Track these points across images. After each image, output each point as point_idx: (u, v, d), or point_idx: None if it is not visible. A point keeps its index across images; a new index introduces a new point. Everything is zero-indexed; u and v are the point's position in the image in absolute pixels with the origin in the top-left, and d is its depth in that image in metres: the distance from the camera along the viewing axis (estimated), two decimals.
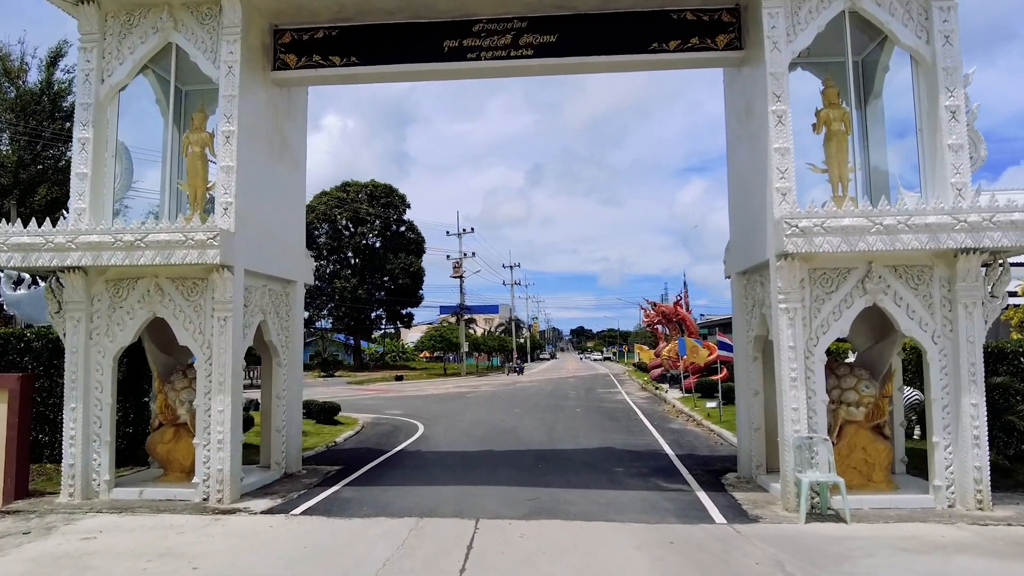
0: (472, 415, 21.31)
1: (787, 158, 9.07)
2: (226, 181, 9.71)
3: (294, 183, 11.90)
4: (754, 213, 9.99)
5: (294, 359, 11.65)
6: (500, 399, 28.56)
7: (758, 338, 10.44)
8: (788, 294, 8.87)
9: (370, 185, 71.47)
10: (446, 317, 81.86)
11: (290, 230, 11.65)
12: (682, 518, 8.39)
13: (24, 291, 15.06)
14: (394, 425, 18.61)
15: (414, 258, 70.96)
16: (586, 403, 25.94)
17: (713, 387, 24.47)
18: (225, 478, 9.35)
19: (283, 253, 11.27)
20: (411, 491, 9.92)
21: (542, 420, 19.38)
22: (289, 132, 11.66)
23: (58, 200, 25.43)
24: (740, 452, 11.02)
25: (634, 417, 20.44)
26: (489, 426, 18.01)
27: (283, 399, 11.36)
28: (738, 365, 11.13)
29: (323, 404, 18.41)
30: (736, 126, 11.05)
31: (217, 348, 9.49)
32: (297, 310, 11.76)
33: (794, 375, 8.80)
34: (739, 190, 10.95)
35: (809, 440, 8.68)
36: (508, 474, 11.06)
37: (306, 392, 35.83)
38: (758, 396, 10.62)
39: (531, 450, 13.61)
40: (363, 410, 23.49)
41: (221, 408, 9.42)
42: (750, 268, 10.45)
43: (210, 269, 9.51)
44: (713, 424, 17.03)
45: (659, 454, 13.28)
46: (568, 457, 12.78)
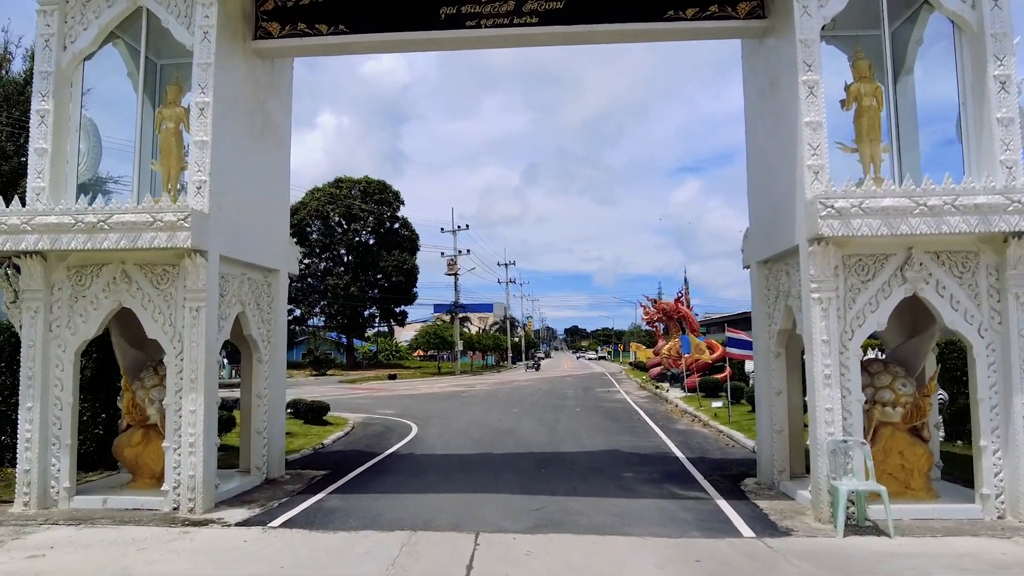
0: (468, 415, 20.43)
1: (819, 133, 8.23)
2: (200, 157, 8.80)
3: (277, 164, 10.99)
4: (779, 196, 9.15)
5: (277, 355, 10.74)
6: (496, 398, 27.69)
7: (781, 332, 9.60)
8: (821, 283, 8.03)
9: (363, 181, 70.50)
10: (440, 316, 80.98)
11: (272, 214, 10.74)
12: (705, 531, 7.53)
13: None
14: (386, 426, 17.71)
15: (408, 255, 69.99)
16: (585, 403, 25.09)
17: (716, 386, 23.70)
18: (197, 485, 8.44)
19: (264, 239, 10.36)
20: (403, 499, 9.03)
21: (542, 420, 18.52)
22: (272, 108, 10.75)
23: None
24: (760, 456, 10.18)
25: (637, 417, 19.60)
26: (486, 427, 17.14)
27: (264, 398, 10.45)
28: (758, 362, 10.29)
29: (311, 403, 17.50)
30: (758, 103, 10.20)
31: (189, 341, 8.59)
32: (280, 301, 10.86)
33: (828, 372, 7.96)
34: (761, 172, 10.10)
35: (844, 444, 7.84)
36: (509, 480, 10.19)
37: (296, 391, 34.89)
38: (781, 395, 9.79)
39: (532, 453, 12.74)
40: (354, 410, 22.58)
41: (193, 408, 8.52)
42: (773, 256, 9.61)
43: (181, 254, 8.61)
44: (721, 425, 16.20)
45: (669, 457, 12.43)
46: (572, 460, 11.92)
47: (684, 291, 31.64)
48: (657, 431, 16.19)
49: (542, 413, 20.71)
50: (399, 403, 25.66)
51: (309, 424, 17.18)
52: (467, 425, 17.65)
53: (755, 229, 10.37)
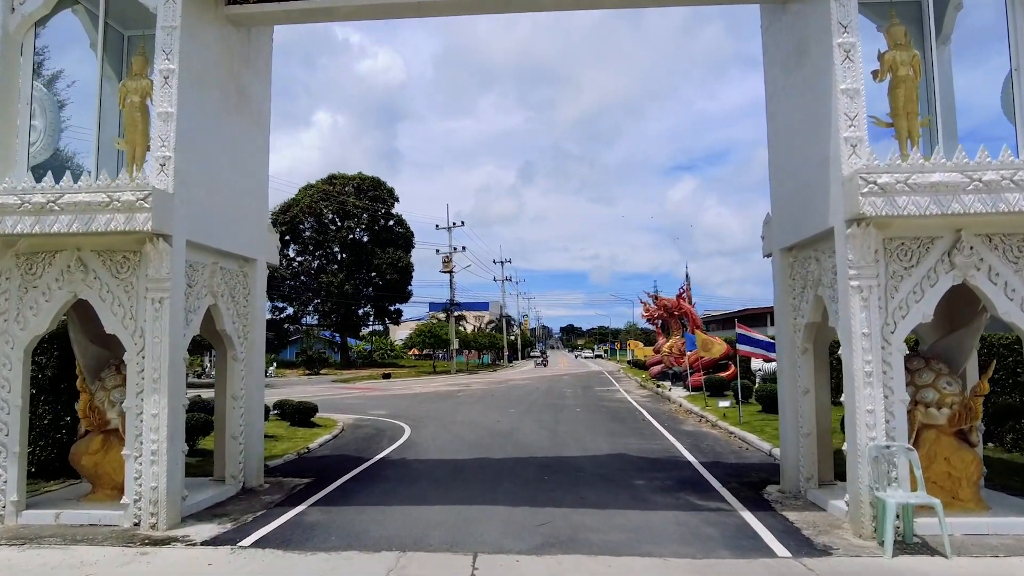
0: (464, 416, 19.51)
1: (857, 101, 7.35)
2: (163, 131, 7.87)
3: (255, 143, 10.05)
4: (807, 176, 8.27)
5: (254, 352, 9.81)
6: (493, 398, 26.78)
7: (809, 326, 8.72)
8: (861, 269, 7.15)
9: (357, 178, 69.54)
10: (436, 314, 79.97)
11: (249, 198, 9.80)
12: (734, 549, 6.65)
13: None
14: (377, 428, 16.78)
15: (403, 253, 69.01)
16: (585, 402, 24.20)
17: (722, 384, 22.84)
18: (160, 498, 7.52)
19: (239, 224, 9.43)
20: (392, 513, 8.12)
21: (541, 422, 17.61)
22: (248, 82, 9.81)
23: None
24: (784, 461, 9.30)
25: (641, 418, 18.71)
26: (483, 429, 16.23)
27: (241, 400, 9.53)
28: (782, 359, 9.40)
29: (298, 404, 16.57)
30: (780, 76, 9.30)
31: (151, 336, 7.66)
32: (258, 294, 9.93)
33: (868, 369, 7.08)
34: (784, 153, 9.21)
35: (887, 450, 6.97)
36: (509, 489, 9.28)
37: (286, 391, 33.92)
38: (808, 395, 8.90)
39: (533, 458, 11.84)
40: (345, 410, 21.64)
41: (155, 411, 7.59)
42: (800, 243, 8.72)
43: (143, 239, 7.69)
44: (731, 426, 15.34)
45: (680, 462, 11.54)
46: (577, 466, 11.02)
47: (686, 287, 30.75)
48: (664, 433, 15.31)
49: (541, 414, 19.81)
50: (392, 403, 24.73)
51: (295, 426, 16.26)
52: (463, 427, 16.74)
53: (778, 214, 9.48)
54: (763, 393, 17.20)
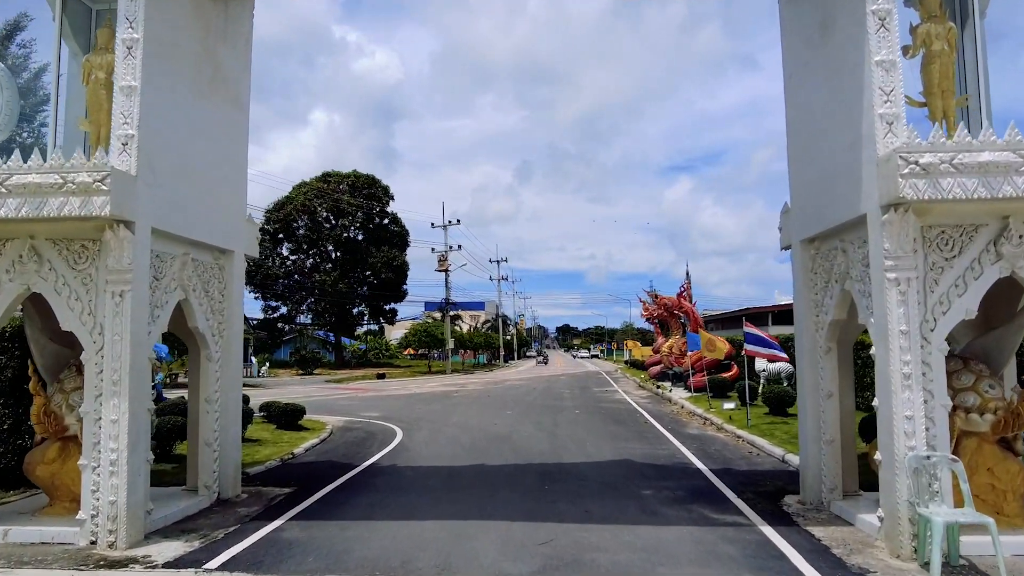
0: (459, 418, 18.77)
1: (893, 74, 6.64)
2: (126, 106, 7.12)
3: (233, 126, 9.30)
4: (833, 160, 7.56)
5: (231, 351, 9.06)
6: (489, 399, 26.04)
7: (833, 324, 8.01)
8: (899, 259, 6.44)
9: (352, 176, 68.76)
10: (431, 313, 79.24)
11: (226, 184, 9.04)
12: (759, 572, 5.94)
13: None
14: (368, 431, 16.03)
15: (398, 252, 68.24)
16: (584, 404, 23.48)
17: (725, 385, 22.15)
18: (120, 514, 6.77)
19: (214, 213, 8.68)
20: (379, 529, 7.38)
21: (539, 424, 16.88)
22: (225, 58, 9.06)
23: None
24: (805, 470, 8.58)
25: (642, 420, 18.00)
26: (479, 432, 15.49)
27: (215, 403, 8.77)
28: (802, 360, 8.69)
29: (285, 407, 15.81)
30: (803, 53, 8.58)
31: (111, 334, 6.91)
32: (235, 288, 9.17)
33: (907, 371, 6.37)
34: (806, 136, 8.50)
35: (927, 461, 6.26)
36: (507, 501, 8.55)
37: (279, 391, 33.19)
38: (832, 399, 8.19)
39: (532, 464, 11.10)
40: (336, 412, 20.90)
41: (115, 416, 6.84)
42: (823, 233, 8.01)
43: (102, 226, 6.94)
44: (739, 429, 14.64)
45: (689, 469, 10.82)
46: (580, 474, 10.29)
47: (686, 285, 30.03)
48: (668, 436, 14.60)
49: (539, 416, 19.08)
50: (385, 404, 23.97)
51: (282, 430, 15.49)
52: (458, 430, 16.00)
53: (798, 203, 8.77)
54: (770, 395, 16.52)
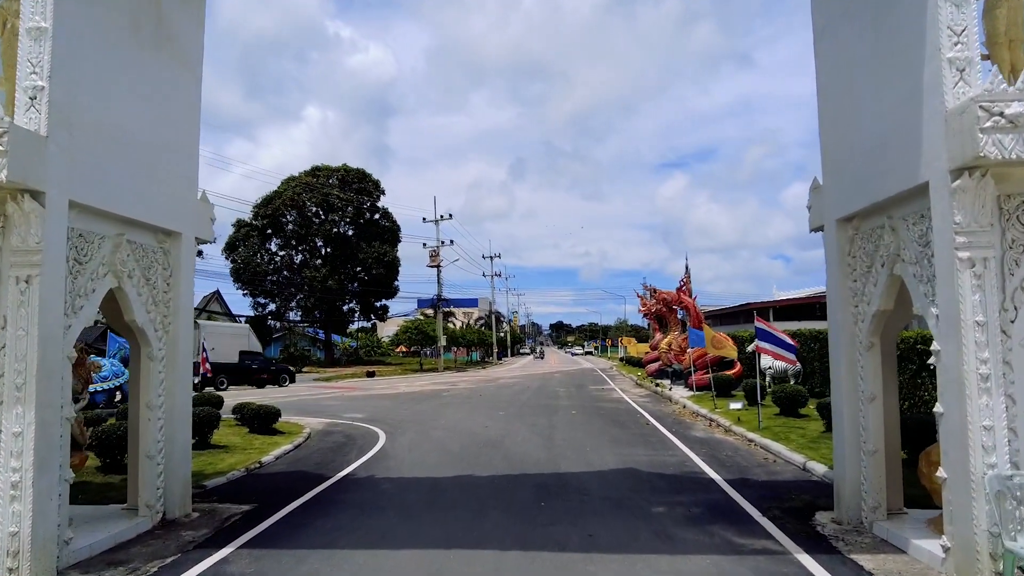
0: (448, 420, 17.57)
1: (966, 10, 5.49)
2: (34, 53, 5.89)
3: (180, 89, 8.05)
4: (882, 119, 6.40)
5: (178, 348, 7.84)
6: (481, 399, 24.86)
7: (878, 315, 6.86)
8: (973, 236, 5.29)
9: (341, 170, 67.39)
10: (424, 310, 77.96)
11: (171, 155, 7.80)
12: None
13: None
14: (349, 435, 14.82)
15: (389, 247, 66.94)
16: (580, 403, 22.32)
17: (729, 384, 21.06)
18: (23, 547, 5.55)
19: (157, 187, 7.44)
20: (343, 561, 6.18)
21: (534, 427, 15.71)
22: (171, 11, 7.81)
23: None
24: (841, 484, 7.44)
25: (643, 422, 16.85)
26: (469, 435, 14.30)
27: (159, 409, 7.56)
28: (837, 357, 7.53)
29: (258, 409, 14.57)
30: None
31: (15, 328, 5.69)
32: (183, 276, 7.95)
33: (985, 371, 5.22)
34: (844, 95, 7.32)
35: (1011, 481, 5.12)
36: (498, 523, 7.37)
37: (262, 391, 31.90)
38: (875, 403, 7.04)
39: (527, 475, 9.92)
40: (318, 413, 19.68)
41: (18, 428, 5.62)
42: (867, 209, 6.85)
43: (4, 197, 5.72)
44: (749, 432, 13.50)
45: (702, 479, 9.67)
46: (580, 487, 9.12)
47: (686, 280, 28.90)
48: (673, 440, 13.45)
49: (534, 417, 17.91)
50: (372, 405, 22.76)
51: (255, 434, 14.27)
52: (446, 433, 14.80)
53: (833, 177, 7.60)
54: (781, 394, 15.39)
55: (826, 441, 11.83)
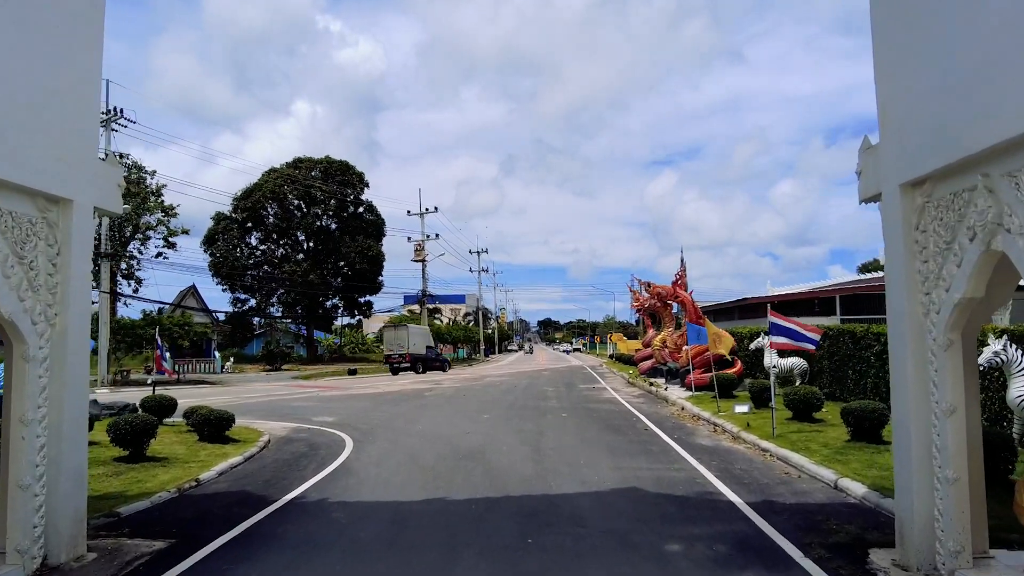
0: (426, 424, 15.96)
1: None
2: None
3: (71, 17, 6.36)
4: (978, 45, 4.85)
5: (68, 348, 6.17)
6: (465, 399, 23.26)
7: (963, 304, 5.32)
8: None
9: (324, 161, 65.48)
10: (410, 306, 76.29)
11: (55, 100, 6.11)
12: None
13: None
14: (312, 443, 13.18)
15: (373, 242, 65.13)
16: (571, 404, 20.78)
17: (732, 384, 19.57)
18: None
19: (33, 140, 5.76)
20: None
21: (520, 433, 14.14)
22: None
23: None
24: (907, 518, 5.90)
25: (641, 426, 15.33)
26: (447, 444, 12.71)
27: (38, 425, 5.89)
28: (901, 357, 5.99)
29: (208, 414, 12.89)
30: None
31: None
32: (76, 255, 6.28)
33: None
34: (915, 23, 5.75)
35: None
36: (472, 569, 5.78)
37: (235, 390, 30.16)
38: (955, 416, 5.50)
39: (511, 498, 8.33)
40: (286, 416, 18.03)
41: None
42: (950, 167, 5.29)
43: None
44: (762, 440, 12.00)
45: (719, 502, 8.12)
46: (576, 515, 7.54)
47: (681, 273, 27.38)
48: (677, 450, 11.92)
49: (521, 421, 16.34)
50: (346, 406, 21.11)
51: (205, 442, 12.62)
52: (421, 442, 13.20)
53: (894, 133, 6.04)
54: (794, 397, 13.88)
55: (854, 452, 10.35)
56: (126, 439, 10.28)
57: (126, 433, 10.21)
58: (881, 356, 15.35)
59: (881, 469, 9.08)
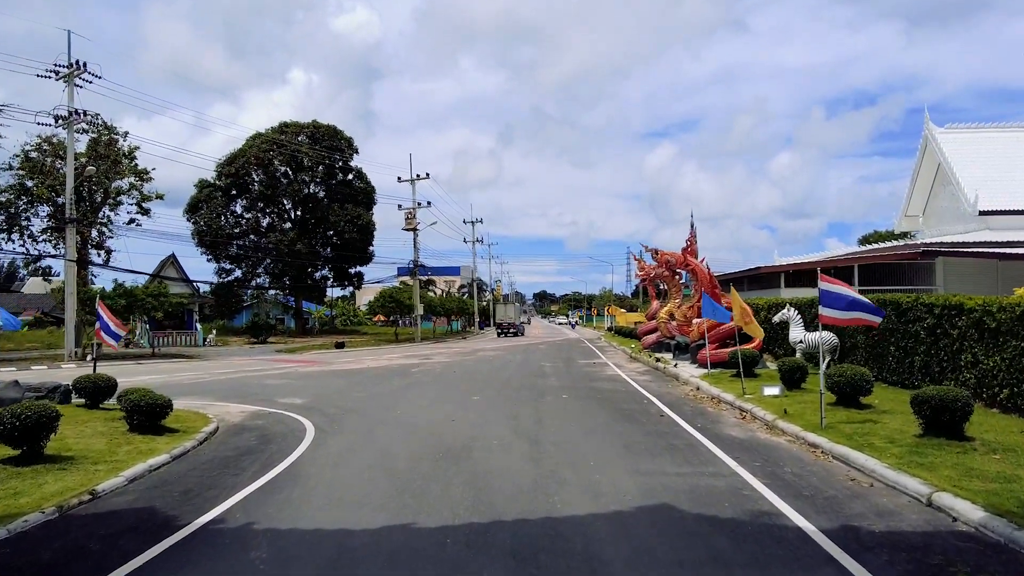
0: (406, 409, 13.82)
1: None
2: None
3: None
4: None
5: None
6: (454, 377, 21.15)
7: None
8: None
9: (311, 126, 62.69)
10: (404, 278, 73.96)
11: None
12: None
13: None
14: (265, 434, 11.03)
15: (363, 210, 62.61)
16: (572, 384, 18.66)
17: (753, 360, 17.41)
18: None
19: None
20: None
21: (516, 422, 12.01)
22: None
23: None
24: None
25: (654, 411, 13.22)
26: (426, 437, 10.58)
27: None
28: None
29: (139, 400, 10.65)
30: None
31: None
32: None
33: None
34: None
35: None
36: None
37: (210, 364, 28.05)
38: None
39: (501, 525, 6.14)
40: (251, 397, 15.89)
41: None
42: None
43: None
44: (806, 432, 9.90)
45: (786, 532, 5.97)
46: (591, 554, 5.38)
47: (691, 240, 25.08)
48: (705, 443, 9.82)
49: (516, 405, 14.21)
50: (323, 385, 18.99)
51: (134, 433, 10.47)
52: (396, 432, 11.07)
53: None
54: (840, 379, 11.68)
55: (934, 452, 8.22)
56: (13, 436, 8.08)
57: (13, 428, 8.01)
58: (934, 332, 13.20)
59: (987, 479, 6.97)
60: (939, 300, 13.26)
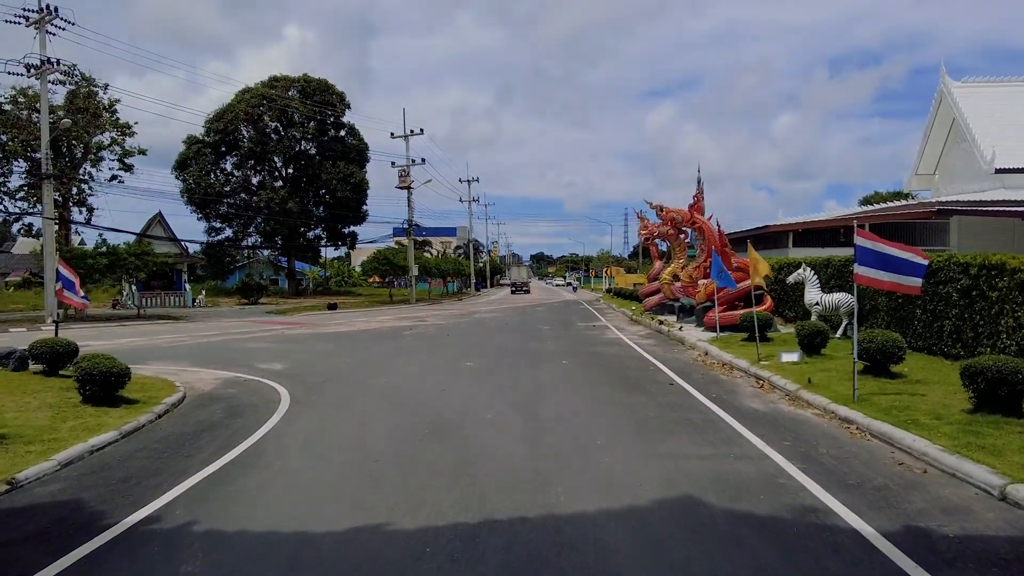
0: (393, 377, 12.74)
1: None
2: None
3: None
4: None
5: None
6: (448, 341, 20.09)
7: None
8: None
9: (301, 80, 60.44)
10: (399, 238, 72.52)
11: None
12: None
13: None
14: (234, 405, 9.94)
15: (356, 168, 60.78)
16: (572, 348, 17.59)
17: (767, 323, 16.30)
18: None
19: None
20: None
21: (513, 392, 10.94)
22: None
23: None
24: None
25: (662, 379, 12.16)
26: (412, 410, 9.51)
27: None
28: None
29: (91, 368, 9.50)
30: None
31: None
32: None
33: None
34: None
35: None
36: None
37: (196, 325, 26.91)
38: None
39: (495, 525, 5.06)
40: (227, 362, 14.79)
41: None
42: None
43: None
44: (838, 405, 8.84)
45: (840, 535, 4.90)
46: (606, 568, 4.32)
47: (698, 196, 23.79)
48: (724, 417, 8.76)
49: (513, 371, 13.14)
50: (307, 349, 17.91)
51: (86, 404, 9.36)
52: (379, 405, 10.00)
53: None
54: (870, 345, 10.58)
55: (991, 431, 7.15)
56: None
57: None
58: (969, 294, 12.08)
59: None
60: (976, 259, 12.10)
